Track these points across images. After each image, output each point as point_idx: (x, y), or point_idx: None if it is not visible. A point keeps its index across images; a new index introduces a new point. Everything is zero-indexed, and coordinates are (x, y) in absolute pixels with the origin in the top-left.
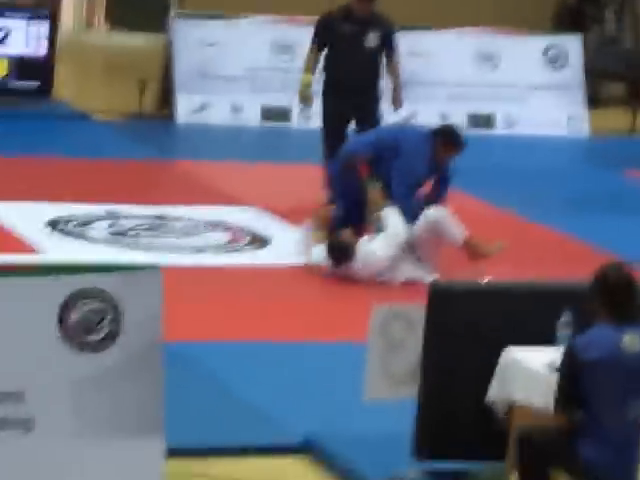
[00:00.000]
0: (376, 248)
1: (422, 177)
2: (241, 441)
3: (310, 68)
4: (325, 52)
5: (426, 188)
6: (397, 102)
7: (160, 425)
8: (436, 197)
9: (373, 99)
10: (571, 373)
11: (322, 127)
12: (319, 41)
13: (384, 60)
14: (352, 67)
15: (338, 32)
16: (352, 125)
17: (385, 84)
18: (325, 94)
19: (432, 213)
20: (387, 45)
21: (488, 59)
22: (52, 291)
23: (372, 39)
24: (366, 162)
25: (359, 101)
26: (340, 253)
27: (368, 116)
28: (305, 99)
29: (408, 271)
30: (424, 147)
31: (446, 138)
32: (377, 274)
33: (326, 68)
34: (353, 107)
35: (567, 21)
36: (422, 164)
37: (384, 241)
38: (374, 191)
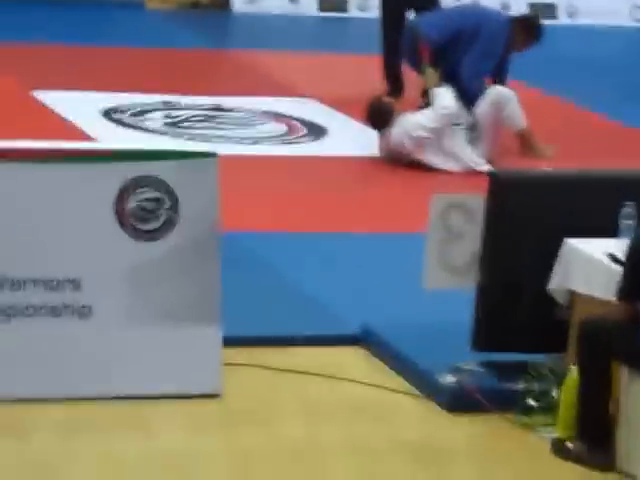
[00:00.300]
0: (421, 119)
1: (495, 63)
2: (298, 331)
3: None
4: None
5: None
6: None
7: (217, 313)
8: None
9: None
10: (633, 262)
11: (380, 16)
12: None
13: None
14: None
15: None
16: (411, 13)
17: None
18: None
19: (499, 89)
20: None
21: None
22: (108, 178)
23: None
24: (431, 47)
25: None
26: (379, 115)
27: (426, 4)
28: None
29: (454, 150)
30: (504, 33)
31: (529, 28)
32: (419, 146)
33: None
34: None
35: None
36: (500, 50)
37: (430, 113)
38: (431, 74)
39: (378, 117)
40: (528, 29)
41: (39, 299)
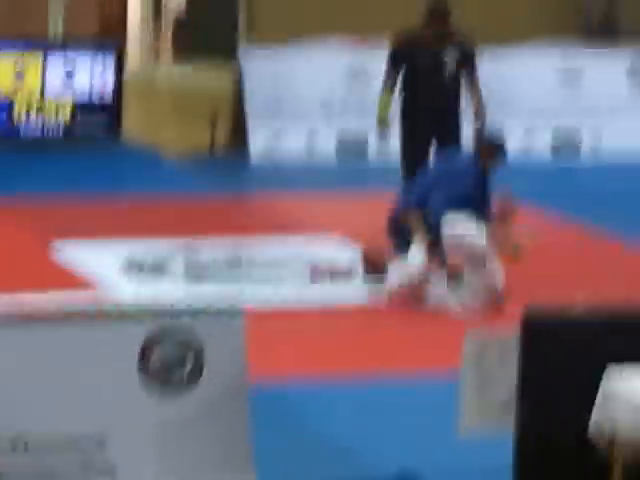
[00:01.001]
0: (409, 257)
1: (468, 191)
2: None
3: (389, 88)
4: (403, 72)
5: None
6: (480, 120)
7: (250, 467)
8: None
9: (453, 117)
10: None
11: (401, 148)
12: (397, 64)
13: (464, 78)
14: (431, 88)
15: (416, 56)
16: (434, 145)
17: (466, 101)
18: (404, 116)
19: (446, 229)
20: (467, 64)
21: (572, 76)
22: (133, 335)
23: (451, 59)
24: (418, 215)
25: (439, 120)
26: (371, 262)
27: (449, 135)
28: (383, 122)
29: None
30: (468, 165)
31: (487, 144)
32: (413, 288)
33: (404, 89)
34: (433, 127)
35: None
36: (466, 178)
37: (413, 249)
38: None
39: (370, 263)
40: (490, 145)
41: (65, 459)
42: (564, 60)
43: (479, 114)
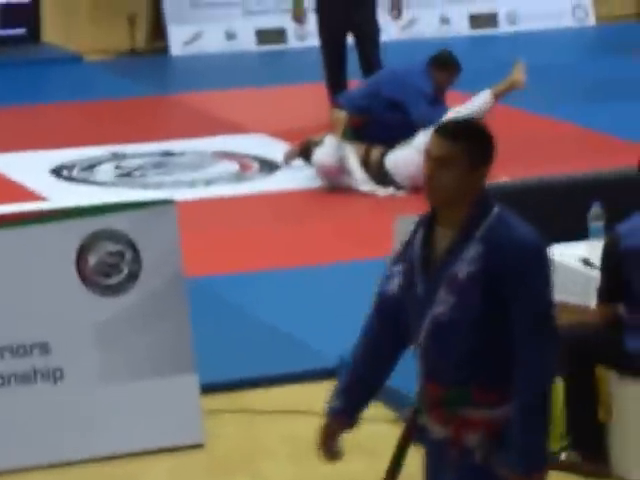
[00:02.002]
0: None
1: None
2: (276, 370)
3: None
4: None
5: None
6: (396, 10)
7: (191, 362)
8: None
9: (369, 10)
10: (614, 262)
11: (320, 44)
12: None
13: None
14: None
15: None
16: (349, 38)
17: None
18: (319, 9)
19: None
20: None
21: None
22: (66, 237)
23: None
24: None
25: (354, 13)
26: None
27: (365, 28)
28: (299, 18)
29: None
30: (426, 81)
31: (439, 63)
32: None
33: None
34: (349, 20)
35: None
36: (429, 94)
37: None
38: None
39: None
40: (441, 63)
41: (8, 367)
42: None
43: (396, 2)
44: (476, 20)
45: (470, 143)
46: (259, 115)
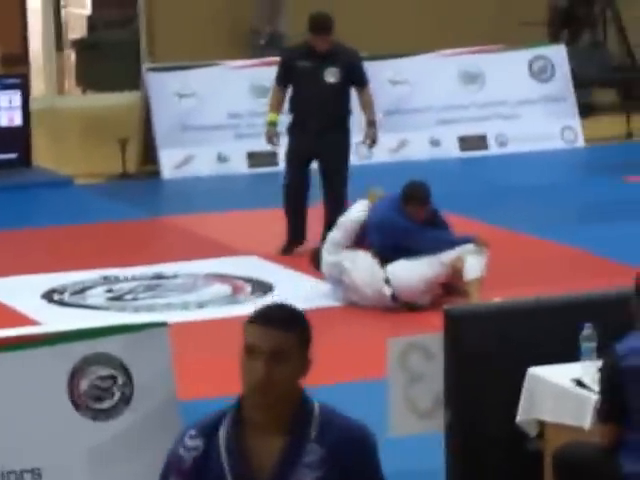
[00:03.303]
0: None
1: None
2: None
3: (275, 106)
4: (289, 90)
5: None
6: (370, 139)
7: None
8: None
9: (338, 136)
10: (612, 383)
11: (285, 166)
12: (282, 79)
13: (354, 94)
14: (313, 104)
15: (298, 69)
16: (314, 163)
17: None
18: (289, 133)
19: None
20: (353, 78)
21: (473, 79)
22: (58, 361)
23: (332, 74)
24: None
25: (323, 139)
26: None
27: (333, 154)
28: (270, 138)
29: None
30: (399, 217)
31: (408, 199)
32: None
33: (290, 106)
34: (316, 145)
35: (558, 25)
36: (405, 231)
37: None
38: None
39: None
40: (410, 200)
41: None
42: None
43: (370, 130)
44: (466, 142)
45: (302, 330)
46: (251, 237)
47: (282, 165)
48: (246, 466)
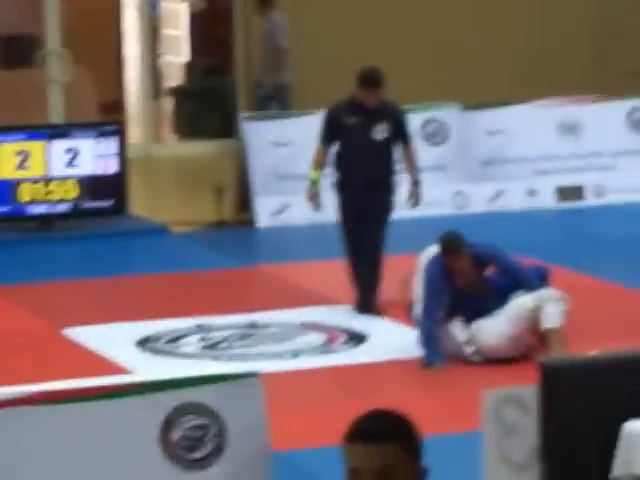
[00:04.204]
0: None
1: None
2: None
3: (319, 164)
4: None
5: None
6: (414, 197)
7: None
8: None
9: (383, 194)
10: None
11: (340, 224)
12: (327, 138)
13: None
14: (362, 161)
15: (346, 126)
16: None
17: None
18: (338, 190)
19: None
20: (400, 134)
21: (571, 129)
22: (151, 410)
23: (381, 130)
24: None
25: (370, 197)
26: None
27: (378, 212)
28: (312, 197)
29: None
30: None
31: (442, 248)
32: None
33: (337, 163)
34: (365, 203)
35: None
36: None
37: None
38: None
39: None
40: (443, 249)
41: None
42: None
43: (414, 189)
44: (563, 192)
45: (408, 436)
46: (345, 286)
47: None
48: None
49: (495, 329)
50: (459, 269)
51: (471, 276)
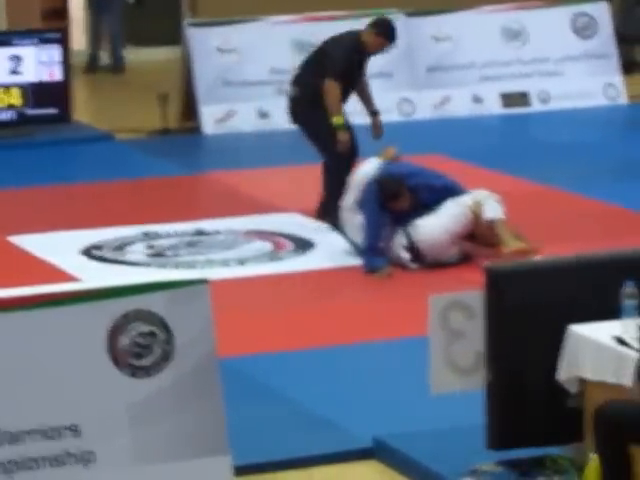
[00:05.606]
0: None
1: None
2: (308, 451)
3: (340, 107)
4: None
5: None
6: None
7: (224, 443)
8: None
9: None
10: None
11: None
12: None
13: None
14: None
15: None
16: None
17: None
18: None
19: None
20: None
21: (515, 35)
22: (98, 318)
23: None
24: None
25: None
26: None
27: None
28: (348, 140)
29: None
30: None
31: (383, 196)
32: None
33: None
34: None
35: None
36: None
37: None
38: None
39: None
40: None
41: (39, 450)
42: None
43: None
44: (508, 99)
45: None
46: (292, 194)
47: None
48: None
49: (433, 225)
50: (400, 209)
51: (408, 206)
